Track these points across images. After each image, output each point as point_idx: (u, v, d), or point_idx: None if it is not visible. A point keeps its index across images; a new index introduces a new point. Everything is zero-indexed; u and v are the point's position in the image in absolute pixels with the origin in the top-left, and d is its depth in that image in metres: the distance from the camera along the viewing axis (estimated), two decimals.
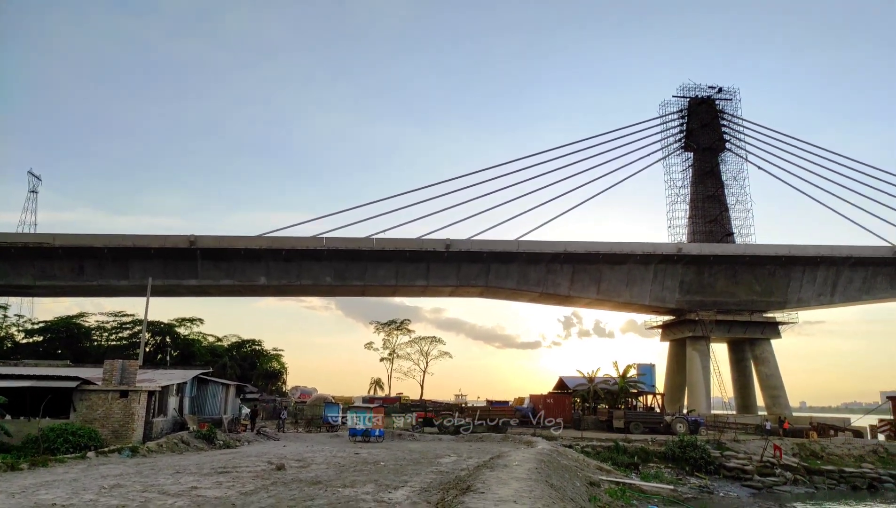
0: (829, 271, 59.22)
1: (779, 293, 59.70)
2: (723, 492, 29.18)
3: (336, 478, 16.88)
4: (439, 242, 55.69)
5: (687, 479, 30.68)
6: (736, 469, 32.95)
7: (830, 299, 60.18)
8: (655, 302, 60.11)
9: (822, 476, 33.93)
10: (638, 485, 25.39)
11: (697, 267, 59.21)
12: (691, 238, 65.88)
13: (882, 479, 34.14)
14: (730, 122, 68.10)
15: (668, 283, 59.61)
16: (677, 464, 33.02)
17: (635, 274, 59.13)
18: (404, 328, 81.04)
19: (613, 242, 58.28)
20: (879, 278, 59.69)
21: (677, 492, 26.18)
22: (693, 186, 67.81)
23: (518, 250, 56.45)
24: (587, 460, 29.01)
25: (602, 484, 24.12)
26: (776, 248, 58.73)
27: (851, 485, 33.40)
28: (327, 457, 23.32)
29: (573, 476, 22.51)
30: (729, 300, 59.70)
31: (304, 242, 54.81)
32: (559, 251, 56.80)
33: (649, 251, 58.15)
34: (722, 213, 66.35)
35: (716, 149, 67.84)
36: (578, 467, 25.84)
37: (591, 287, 58.78)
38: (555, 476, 19.35)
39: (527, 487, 13.98)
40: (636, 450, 34.28)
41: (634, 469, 31.15)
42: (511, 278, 57.69)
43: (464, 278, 57.22)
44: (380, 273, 56.47)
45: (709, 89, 68.72)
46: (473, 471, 17.54)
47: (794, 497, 30.02)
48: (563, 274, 58.30)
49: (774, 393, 59.97)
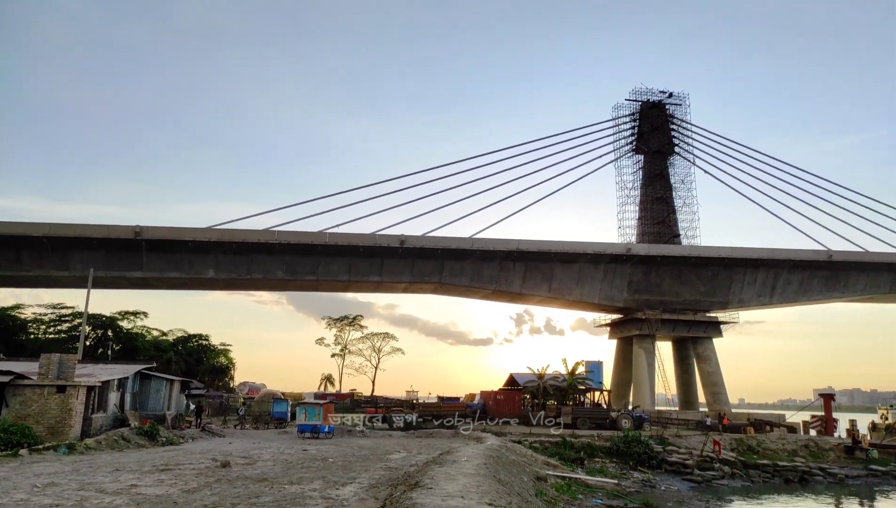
0: (769, 274, 61.64)
1: (721, 294, 61.81)
2: (664, 486, 30.07)
3: (283, 475, 16.66)
4: (394, 237, 55.51)
5: (631, 473, 31.49)
6: (677, 464, 34.02)
7: (769, 300, 62.66)
8: (605, 301, 61.41)
9: (757, 469, 35.37)
10: (583, 480, 25.93)
11: (645, 267, 60.75)
12: (640, 239, 67.50)
13: (812, 472, 35.83)
14: (679, 126, 70.02)
15: (617, 282, 60.97)
16: (622, 459, 33.87)
17: (586, 273, 60.26)
18: (357, 324, 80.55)
19: (565, 241, 59.25)
20: (815, 281, 62.48)
21: (621, 486, 26.86)
22: (643, 189, 69.46)
23: (472, 248, 56.76)
24: (535, 455, 29.45)
25: (549, 479, 24.52)
26: (720, 250, 60.77)
27: (784, 478, 34.94)
28: (274, 454, 23.00)
29: (521, 472, 22.82)
30: (674, 300, 61.49)
31: (255, 234, 53.79)
32: (512, 249, 57.38)
33: (600, 251, 59.33)
34: (670, 215, 68.19)
35: (665, 152, 69.64)
36: (526, 462, 26.21)
37: (543, 285, 59.61)
38: (503, 471, 19.57)
39: (475, 482, 14.11)
40: (583, 445, 35.01)
41: (580, 464, 31.80)
42: (465, 275, 57.98)
43: (418, 275, 57.21)
44: (333, 268, 55.91)
45: (660, 94, 70.49)
46: (422, 467, 17.58)
47: (732, 491, 31.19)
48: (515, 272, 58.92)
49: (715, 390, 62.12)
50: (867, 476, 36.51)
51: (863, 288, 62.75)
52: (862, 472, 37.00)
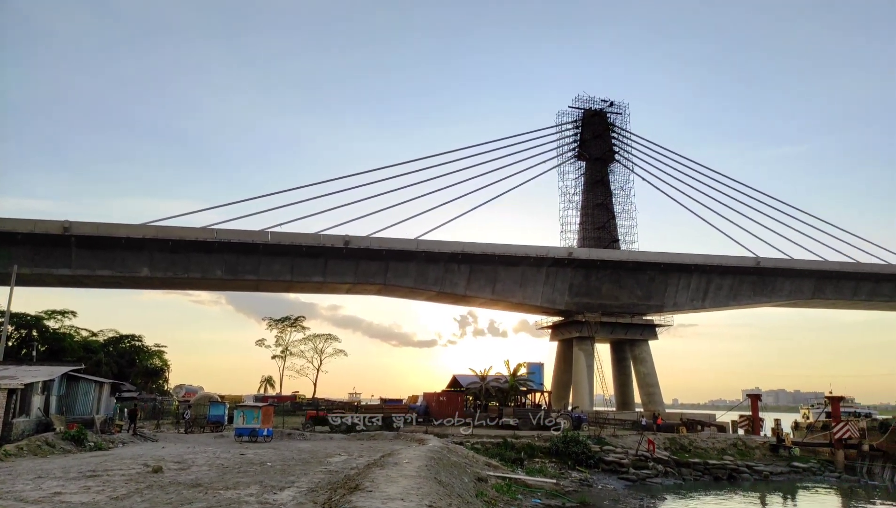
0: (702, 279, 64.14)
1: (657, 297, 63.91)
2: (601, 485, 30.83)
3: (218, 480, 16.21)
4: (338, 238, 54.91)
5: (569, 473, 32.14)
6: (614, 463, 34.94)
7: (702, 304, 65.19)
8: (546, 303, 62.49)
9: (689, 468, 36.71)
10: (523, 480, 26.29)
11: (586, 271, 62.18)
12: (581, 243, 69.04)
13: (740, 470, 37.48)
14: (619, 134, 72.04)
15: (559, 285, 62.17)
16: (561, 459, 34.53)
17: (529, 276, 61.19)
18: (299, 325, 79.25)
19: (509, 244, 60.06)
20: (744, 286, 65.38)
21: (559, 486, 27.37)
22: (584, 194, 71.11)
23: (417, 249, 56.75)
24: (476, 456, 29.67)
25: (489, 480, 24.76)
26: (656, 255, 62.82)
27: (714, 476, 36.41)
28: (210, 458, 22.35)
29: (462, 473, 22.96)
30: (613, 303, 63.17)
31: (193, 232, 52.18)
32: (457, 251, 57.69)
33: (542, 254, 60.37)
34: (609, 220, 70.04)
35: (606, 159, 71.51)
36: (468, 463, 26.38)
37: (487, 287, 60.18)
38: (444, 472, 19.64)
39: (415, 484, 14.11)
40: (523, 446, 35.49)
41: (521, 465, 32.23)
42: (409, 276, 57.89)
43: (362, 276, 56.76)
44: (274, 268, 54.83)
45: (601, 102, 72.34)
46: (363, 470, 17.46)
47: (665, 489, 32.27)
48: (460, 274, 59.25)
49: (650, 391, 64.15)
50: (789, 473, 38.48)
51: (788, 293, 66.08)
52: (785, 469, 38.97)
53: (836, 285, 66.54)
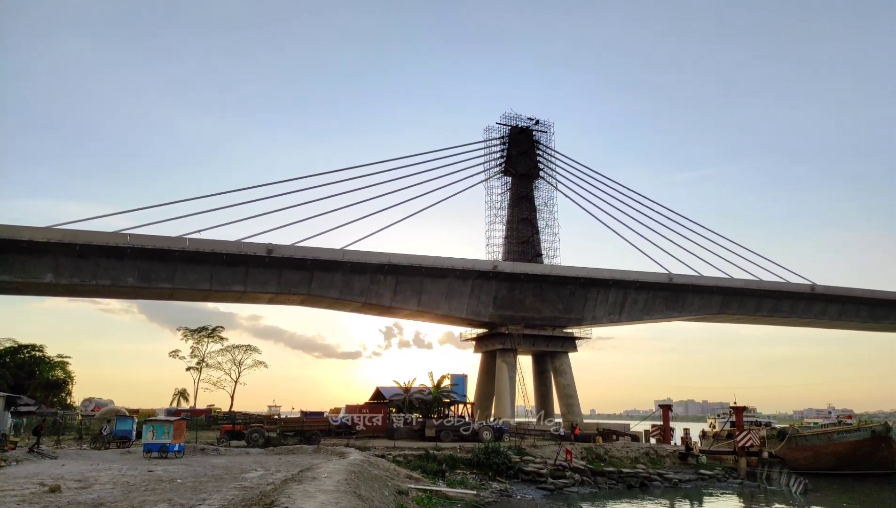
0: (619, 293, 66.67)
1: (577, 311, 65.88)
2: (520, 495, 31.29)
3: (122, 499, 15.35)
4: (260, 246, 53.51)
5: (490, 484, 32.43)
6: (533, 473, 35.55)
7: (619, 318, 67.72)
8: (471, 315, 63.15)
9: (604, 476, 37.86)
10: (444, 492, 26.33)
11: (510, 284, 63.34)
12: (506, 257, 70.33)
13: (651, 478, 38.98)
14: (544, 152, 74.11)
15: (484, 298, 63.00)
16: (482, 470, 34.80)
17: (455, 288, 61.68)
18: (216, 336, 76.30)
19: (436, 256, 60.39)
20: (658, 301, 68.44)
21: (479, 496, 27.58)
22: (510, 209, 72.58)
23: (343, 260, 56.10)
24: (398, 469, 29.47)
25: (410, 492, 24.65)
26: (577, 270, 64.83)
27: (627, 484, 37.69)
28: (115, 476, 21.13)
29: (383, 486, 22.74)
30: (536, 316, 64.61)
31: (103, 236, 49.50)
32: (384, 263, 57.45)
33: (468, 267, 61.05)
34: (533, 235, 71.75)
35: (531, 176, 73.35)
36: (389, 476, 26.16)
37: (413, 299, 60.19)
38: (364, 486, 19.40)
39: (333, 499, 13.86)
40: (445, 458, 35.54)
41: (442, 476, 32.25)
42: (335, 286, 57.10)
43: (285, 285, 55.49)
44: (192, 276, 52.72)
45: (528, 120, 74.27)
46: (280, 485, 16.99)
47: (581, 497, 33.13)
48: (386, 285, 58.98)
49: (570, 402, 65.88)
50: (697, 480, 40.38)
51: (697, 308, 69.69)
52: (693, 476, 40.87)
53: (740, 302, 70.76)
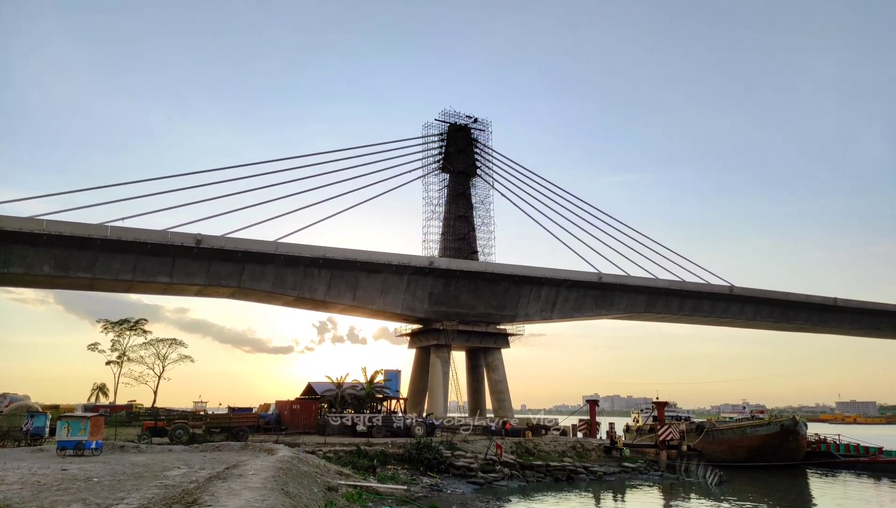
0: (551, 291, 68.15)
1: (511, 308, 66.92)
2: (451, 489, 31.56)
3: (31, 500, 14.50)
4: (189, 236, 51.65)
5: (420, 479, 32.57)
6: (463, 468, 35.94)
7: (550, 315, 69.23)
8: (407, 311, 63.09)
9: (533, 470, 38.70)
10: (374, 487, 26.25)
11: (446, 280, 63.65)
12: (442, 253, 70.59)
13: (577, 471, 40.14)
14: (482, 150, 74.74)
15: (419, 293, 63.05)
16: (413, 465, 34.90)
17: (390, 283, 61.44)
18: (139, 329, 73.03)
19: (372, 251, 59.90)
20: (588, 300, 70.38)
21: (410, 492, 27.64)
22: (447, 206, 72.84)
23: (276, 252, 54.87)
24: (328, 465, 29.16)
25: (340, 489, 24.45)
26: (511, 268, 65.81)
27: (555, 477, 38.65)
28: (24, 475, 19.93)
29: (312, 483, 22.45)
30: (470, 312, 65.19)
31: (16, 222, 46.53)
32: (318, 256, 56.56)
33: (404, 263, 60.91)
34: (470, 232, 72.31)
35: (469, 173, 73.85)
36: (319, 473, 25.85)
37: (348, 294, 59.56)
38: (293, 483, 19.10)
39: (260, 496, 13.58)
40: (377, 453, 35.43)
41: (373, 472, 32.13)
42: (266, 279, 55.78)
43: (214, 277, 53.77)
44: (114, 266, 50.32)
45: (466, 118, 74.69)
46: (204, 483, 16.48)
47: (510, 491, 33.73)
48: (320, 279, 58.11)
49: (501, 397, 66.89)
50: (620, 473, 41.87)
51: (625, 307, 72.10)
52: (616, 469, 42.35)
53: (665, 301, 73.70)
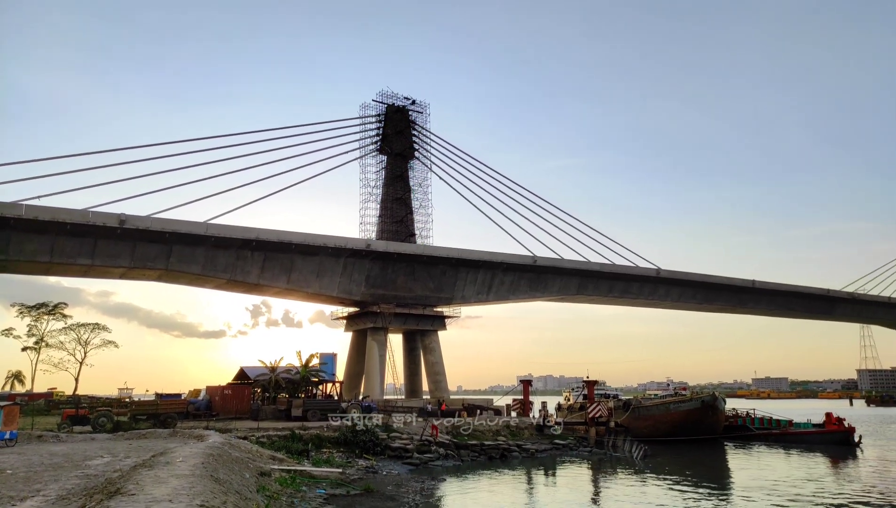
0: (487, 274, 69.02)
1: (448, 290, 67.41)
2: (386, 471, 31.72)
3: None
4: (112, 216, 49.29)
5: (356, 461, 32.55)
6: (399, 449, 36.15)
7: (486, 298, 70.20)
8: (343, 294, 62.52)
9: (467, 449, 39.32)
10: (309, 471, 26.08)
11: (383, 263, 63.38)
12: (380, 236, 70.15)
13: (511, 449, 41.06)
14: (420, 132, 74.43)
15: (356, 276, 62.57)
16: (349, 448, 34.84)
17: (326, 266, 60.66)
18: (58, 313, 69.52)
19: (307, 233, 58.92)
20: (523, 282, 71.71)
21: (345, 474, 27.62)
22: (385, 188, 72.30)
23: (206, 233, 53.14)
24: (261, 450, 28.71)
25: (273, 473, 24.16)
26: (449, 251, 66.17)
27: (489, 456, 39.41)
28: None
29: (244, 468, 22.09)
30: (407, 295, 65.26)
31: None
32: (251, 238, 55.15)
33: (341, 245, 60.21)
34: (407, 215, 72.11)
35: (407, 156, 73.44)
36: (251, 458, 25.44)
37: (282, 276, 58.45)
38: (223, 469, 18.73)
39: (188, 484, 13.26)
40: (311, 437, 35.14)
41: (307, 456, 31.89)
42: (196, 262, 54.01)
43: (140, 259, 51.64)
44: (29, 247, 47.50)
45: (404, 100, 74.06)
46: (128, 472, 15.94)
47: (445, 470, 34.20)
48: (253, 261, 56.75)
49: (437, 379, 67.53)
50: (552, 450, 43.15)
51: (558, 289, 73.89)
52: (548, 446, 43.61)
53: (596, 284, 75.97)
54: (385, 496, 24.77)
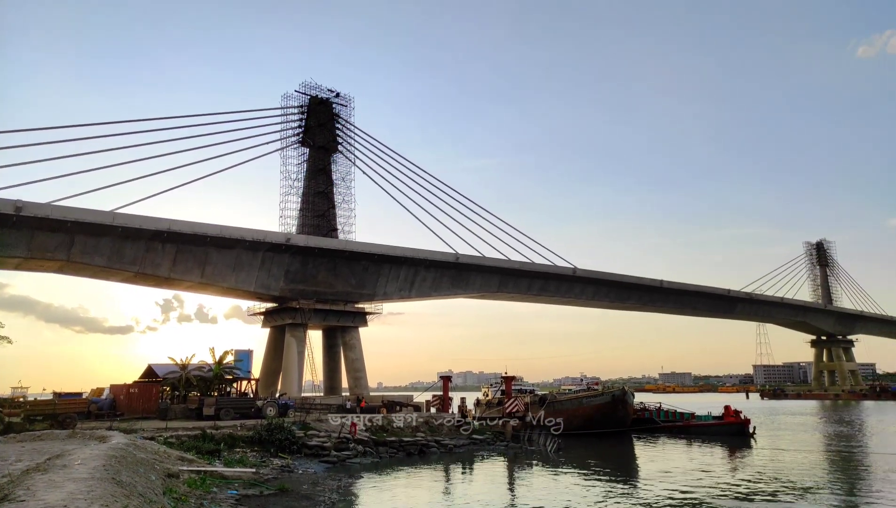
0: (410, 271, 69.05)
1: (370, 286, 66.92)
2: (302, 469, 31.19)
3: None
4: (6, 203, 45.76)
5: (271, 461, 31.80)
6: (316, 447, 35.61)
7: (409, 294, 70.21)
8: (261, 289, 60.81)
9: (386, 446, 39.26)
10: (220, 472, 25.28)
11: (303, 258, 62.11)
12: (300, 230, 68.64)
13: (430, 445, 41.34)
14: (343, 126, 73.35)
15: (275, 271, 61.00)
16: (263, 447, 33.97)
17: (243, 260, 58.79)
18: None
19: (224, 225, 56.80)
20: (445, 279, 72.22)
21: (259, 474, 26.95)
22: (306, 181, 70.79)
23: (113, 223, 50.27)
24: (169, 451, 27.55)
25: (182, 475, 23.27)
26: (371, 246, 65.68)
27: (407, 452, 39.53)
28: None
29: (149, 470, 21.14)
30: (328, 291, 64.27)
31: None
32: (163, 229, 52.65)
33: (259, 239, 58.51)
34: (329, 209, 70.96)
35: (329, 149, 72.19)
36: (158, 459, 24.38)
37: (196, 270, 56.17)
38: (126, 472, 17.84)
39: (86, 488, 12.53)
40: (224, 437, 34.05)
41: (219, 456, 30.88)
42: (102, 253, 51.00)
43: (38, 250, 48.20)
44: None
45: (328, 92, 72.76)
46: (19, 477, 14.88)
47: (363, 468, 34.02)
48: (165, 254, 54.20)
49: (357, 376, 66.94)
50: (470, 445, 43.77)
51: (479, 286, 74.94)
52: (466, 442, 44.19)
53: (515, 281, 77.61)
54: (300, 495, 24.37)
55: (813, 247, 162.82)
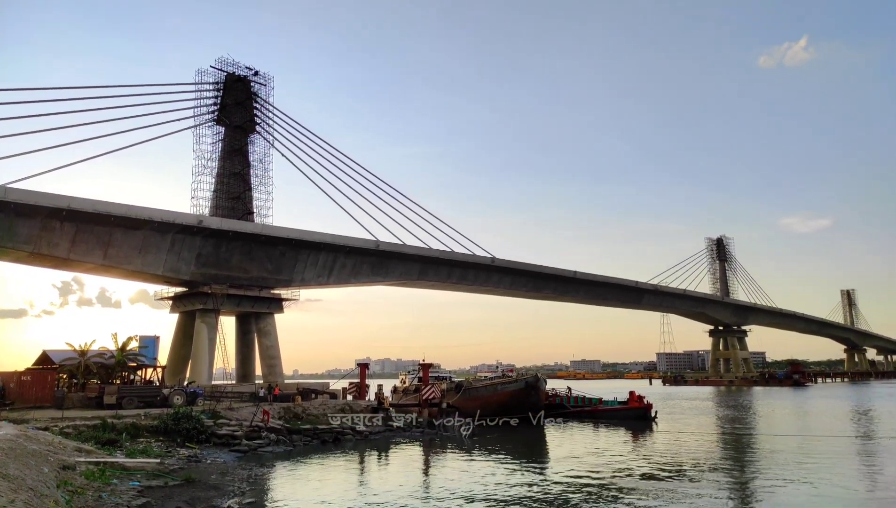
0: (329, 257, 67.98)
1: (287, 272, 65.40)
2: (210, 459, 30.21)
3: None
4: None
5: (177, 450, 30.60)
6: (226, 436, 34.60)
7: (328, 281, 69.16)
8: (170, 273, 58.14)
9: (300, 434, 38.69)
10: (121, 463, 24.10)
11: (216, 241, 59.83)
12: (214, 212, 66.02)
13: (345, 432, 41.10)
14: (262, 106, 70.97)
15: (186, 254, 58.47)
16: (170, 437, 32.65)
17: (151, 242, 55.97)
18: None
19: (130, 205, 53.84)
20: (365, 266, 71.63)
21: (163, 465, 25.89)
22: (221, 161, 68.04)
23: (5, 198, 46.61)
24: (65, 442, 25.98)
25: (79, 467, 22.03)
26: (289, 231, 64.09)
27: (322, 440, 39.14)
28: None
29: (42, 462, 19.91)
30: (242, 276, 62.30)
31: None
32: (61, 207, 49.25)
33: (169, 220, 55.86)
34: (245, 192, 68.64)
35: (247, 129, 69.70)
36: (52, 451, 22.94)
37: (98, 251, 52.96)
38: (14, 464, 16.72)
39: None
40: (126, 426, 32.44)
41: (120, 447, 29.40)
42: None
43: None
44: None
45: (246, 69, 70.10)
46: None
47: (275, 456, 33.37)
48: (63, 233, 50.77)
49: (272, 363, 65.46)
50: (385, 432, 43.85)
51: (399, 274, 74.87)
52: (383, 429, 44.24)
53: (436, 270, 78.10)
54: (208, 485, 23.61)
55: (713, 243, 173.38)
